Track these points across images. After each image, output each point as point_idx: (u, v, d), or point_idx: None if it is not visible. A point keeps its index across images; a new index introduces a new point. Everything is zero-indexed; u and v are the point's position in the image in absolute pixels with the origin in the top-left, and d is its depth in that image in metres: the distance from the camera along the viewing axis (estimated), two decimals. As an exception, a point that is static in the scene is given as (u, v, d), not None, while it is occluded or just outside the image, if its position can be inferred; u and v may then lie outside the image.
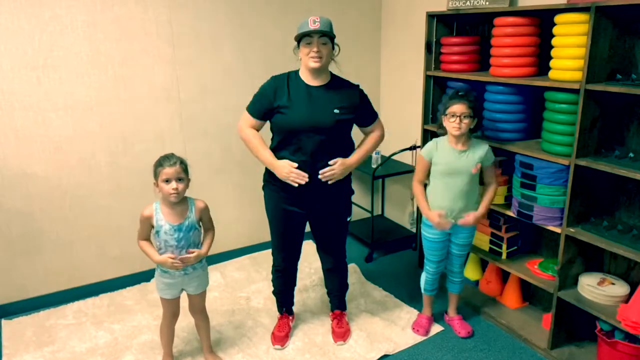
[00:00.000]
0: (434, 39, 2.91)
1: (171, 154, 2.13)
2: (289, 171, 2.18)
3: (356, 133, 2.41)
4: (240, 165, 3.40)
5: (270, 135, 2.34)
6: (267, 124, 2.32)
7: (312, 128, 2.17)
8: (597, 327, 2.31)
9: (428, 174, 2.47)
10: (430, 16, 2.88)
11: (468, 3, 2.80)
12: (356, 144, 2.43)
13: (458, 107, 2.28)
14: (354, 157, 2.32)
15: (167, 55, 3.00)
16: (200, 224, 2.23)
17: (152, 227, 2.15)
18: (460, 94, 2.33)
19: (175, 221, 2.12)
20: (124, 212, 3.07)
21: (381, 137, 2.44)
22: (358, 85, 2.33)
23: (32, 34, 2.62)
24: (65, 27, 2.69)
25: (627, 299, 2.23)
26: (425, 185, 2.51)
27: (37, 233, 2.88)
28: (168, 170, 2.05)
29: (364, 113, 2.35)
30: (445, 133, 2.40)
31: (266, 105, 2.24)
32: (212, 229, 2.28)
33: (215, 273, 3.29)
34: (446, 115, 2.33)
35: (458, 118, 2.28)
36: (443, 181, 2.40)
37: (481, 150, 2.38)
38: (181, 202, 2.15)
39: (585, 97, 2.10)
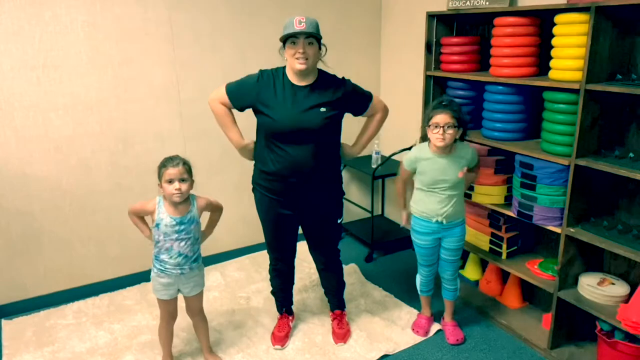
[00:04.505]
0: (434, 39, 2.91)
1: (175, 155, 2.14)
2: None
3: (353, 126, 2.41)
4: (240, 165, 3.39)
5: (257, 136, 2.32)
6: (254, 124, 2.30)
7: (299, 130, 2.14)
8: (597, 327, 2.31)
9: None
10: (430, 16, 2.88)
11: (468, 3, 2.80)
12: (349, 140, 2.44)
13: (441, 118, 2.23)
14: (357, 147, 2.44)
15: (167, 55, 3.00)
16: (200, 219, 2.24)
17: (152, 220, 2.16)
18: (443, 103, 2.28)
19: (177, 215, 2.14)
20: (124, 212, 3.04)
21: (383, 118, 2.42)
22: (343, 78, 2.29)
23: (32, 34, 2.62)
24: (65, 27, 2.69)
25: (627, 299, 2.23)
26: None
27: (37, 233, 2.88)
28: (171, 171, 2.06)
29: (355, 101, 2.30)
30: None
31: (247, 101, 2.22)
32: (218, 210, 2.34)
33: (215, 273, 3.30)
34: (429, 126, 2.28)
35: (441, 129, 2.23)
36: (430, 190, 2.38)
37: (466, 153, 2.37)
38: (184, 200, 2.16)
39: (585, 97, 2.10)
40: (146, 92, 2.99)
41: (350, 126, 2.51)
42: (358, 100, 2.32)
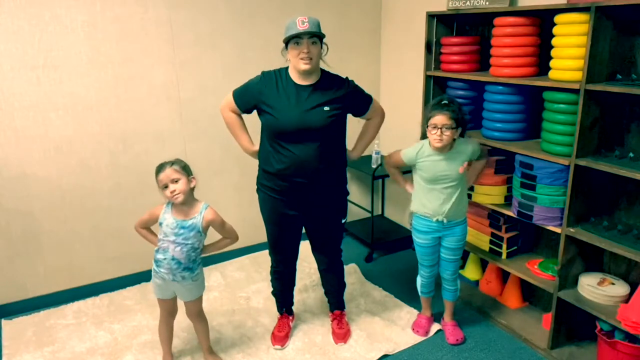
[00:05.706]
0: (434, 39, 2.91)
1: (165, 161, 2.14)
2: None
3: (355, 126, 2.40)
4: (240, 165, 3.40)
5: (261, 137, 2.32)
6: (257, 123, 2.30)
7: (303, 129, 2.14)
8: (597, 327, 2.31)
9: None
10: (430, 16, 2.88)
11: (468, 3, 2.80)
12: (351, 141, 2.43)
13: (439, 119, 2.22)
14: (356, 151, 2.49)
15: (167, 55, 3.00)
16: (206, 232, 2.21)
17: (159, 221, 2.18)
18: (443, 102, 2.26)
19: (180, 217, 2.14)
20: (124, 212, 3.07)
21: (380, 122, 2.46)
22: (346, 78, 2.29)
23: (32, 34, 2.62)
24: (65, 27, 2.69)
25: (627, 299, 2.23)
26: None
27: (37, 233, 2.88)
28: (161, 177, 2.10)
29: (356, 102, 2.31)
30: None
31: (251, 102, 2.24)
32: (229, 238, 2.29)
33: (215, 273, 3.30)
34: (428, 126, 2.28)
35: (439, 130, 2.22)
36: (430, 187, 2.38)
37: (468, 148, 2.36)
38: (192, 204, 2.16)
39: (585, 97, 2.10)
40: (146, 92, 2.99)
41: (350, 129, 2.51)
42: (359, 100, 2.33)
